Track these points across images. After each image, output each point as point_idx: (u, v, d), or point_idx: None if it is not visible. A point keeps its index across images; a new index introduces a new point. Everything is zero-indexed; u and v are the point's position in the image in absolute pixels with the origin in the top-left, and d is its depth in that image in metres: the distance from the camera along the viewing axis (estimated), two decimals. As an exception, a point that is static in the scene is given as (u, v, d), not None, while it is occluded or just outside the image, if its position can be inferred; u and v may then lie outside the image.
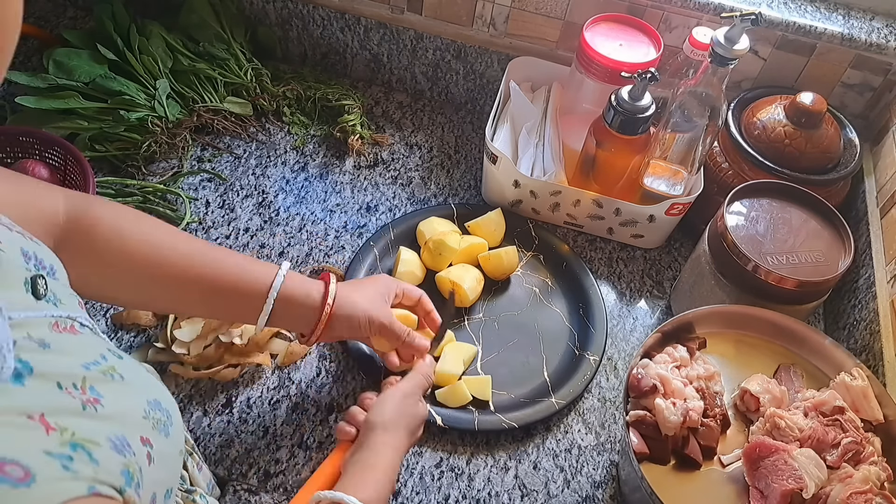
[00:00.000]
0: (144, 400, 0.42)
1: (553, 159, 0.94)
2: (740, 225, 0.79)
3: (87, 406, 0.36)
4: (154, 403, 0.43)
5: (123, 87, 0.94)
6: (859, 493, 0.60)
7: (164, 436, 0.43)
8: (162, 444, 0.42)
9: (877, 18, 0.93)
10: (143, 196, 0.93)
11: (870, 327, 0.81)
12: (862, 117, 0.98)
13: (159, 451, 0.41)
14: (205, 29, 1.03)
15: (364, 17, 1.05)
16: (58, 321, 0.40)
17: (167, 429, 0.43)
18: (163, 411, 0.44)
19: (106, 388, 0.39)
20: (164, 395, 0.45)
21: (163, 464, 0.41)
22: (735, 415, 0.70)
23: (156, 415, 0.42)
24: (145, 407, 0.42)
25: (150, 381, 0.46)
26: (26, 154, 0.88)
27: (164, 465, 0.42)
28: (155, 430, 0.42)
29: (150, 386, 0.45)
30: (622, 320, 0.90)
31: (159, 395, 0.45)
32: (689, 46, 0.86)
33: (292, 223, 0.94)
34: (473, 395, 0.78)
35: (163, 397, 0.45)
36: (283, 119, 1.05)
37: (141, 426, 0.40)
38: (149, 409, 0.42)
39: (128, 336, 0.80)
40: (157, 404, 0.43)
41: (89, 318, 0.45)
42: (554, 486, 0.75)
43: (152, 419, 0.42)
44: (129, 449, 0.37)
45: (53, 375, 0.36)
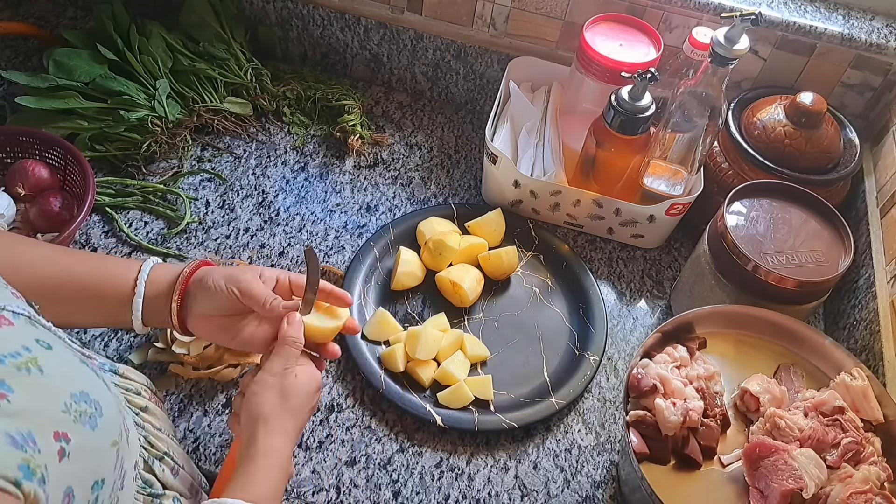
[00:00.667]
0: (67, 393, 0.42)
1: (553, 159, 0.94)
2: (740, 225, 0.79)
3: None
4: (80, 395, 0.43)
5: (123, 87, 0.94)
6: (859, 493, 0.60)
7: (88, 428, 0.42)
8: (85, 437, 0.42)
9: (877, 18, 0.93)
10: (143, 196, 0.93)
11: (870, 327, 0.81)
12: (862, 117, 0.98)
13: (79, 445, 0.41)
14: (205, 29, 1.03)
15: (364, 17, 1.05)
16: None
17: (94, 421, 0.43)
18: (90, 403, 0.43)
19: (18, 381, 0.38)
20: (94, 387, 0.45)
21: (84, 457, 0.41)
22: (735, 415, 0.70)
23: (80, 407, 0.42)
24: (66, 400, 0.42)
25: (80, 372, 0.45)
26: (26, 154, 0.88)
27: (85, 458, 0.42)
28: (77, 423, 0.41)
29: (78, 377, 0.44)
30: (622, 320, 0.90)
31: (88, 386, 0.44)
32: (689, 46, 0.86)
33: (292, 223, 0.94)
34: (475, 395, 0.78)
35: (92, 389, 0.44)
36: (283, 119, 1.05)
37: (56, 421, 0.40)
38: (71, 402, 0.42)
39: (128, 336, 0.80)
40: (83, 396, 0.43)
41: (29, 308, 0.45)
42: (554, 486, 0.75)
43: (74, 412, 0.41)
44: (32, 445, 0.37)
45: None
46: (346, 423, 0.77)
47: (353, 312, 0.83)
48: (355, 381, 0.80)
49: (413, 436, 0.77)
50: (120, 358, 0.79)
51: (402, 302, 0.87)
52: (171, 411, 0.75)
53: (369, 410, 0.78)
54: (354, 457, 0.75)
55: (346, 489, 0.73)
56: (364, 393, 0.80)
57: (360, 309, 0.85)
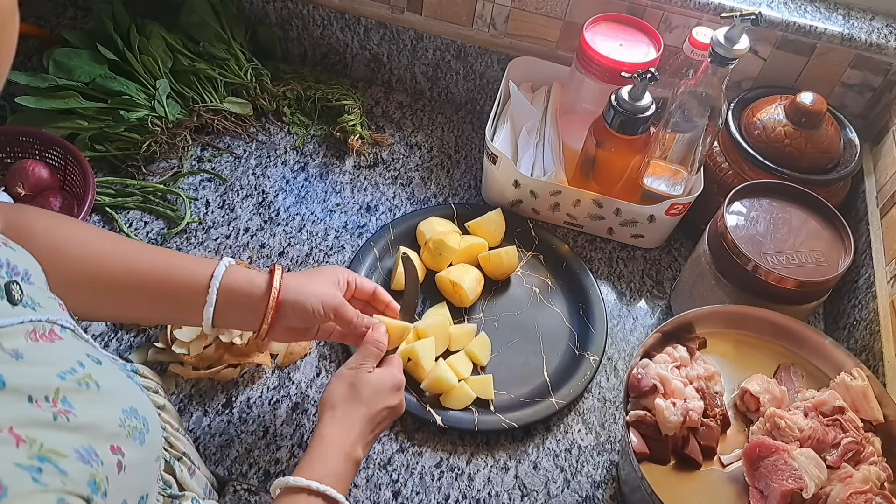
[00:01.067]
0: (120, 409, 0.42)
1: (553, 159, 0.94)
2: (740, 225, 0.79)
3: (57, 417, 0.37)
4: (130, 411, 0.43)
5: (123, 87, 0.94)
6: (859, 493, 0.60)
7: (138, 444, 0.43)
8: (135, 452, 0.42)
9: (877, 18, 0.93)
10: (143, 196, 0.93)
11: (870, 327, 0.81)
12: (862, 117, 0.98)
13: (131, 459, 0.41)
14: (205, 29, 1.03)
15: (364, 17, 1.05)
16: (35, 327, 0.40)
17: (143, 437, 0.43)
18: (139, 419, 0.44)
19: (79, 398, 0.39)
20: (141, 403, 0.45)
21: (135, 471, 0.42)
22: (735, 415, 0.70)
23: (131, 423, 0.43)
24: (120, 416, 0.42)
25: (129, 387, 0.46)
26: (26, 154, 0.88)
27: (136, 472, 0.42)
28: (129, 437, 0.42)
29: (128, 393, 0.45)
30: (622, 320, 0.90)
31: (137, 402, 0.44)
32: (689, 46, 0.86)
33: (292, 223, 0.94)
34: (476, 394, 0.78)
35: (140, 405, 0.45)
36: (283, 119, 1.05)
37: (113, 436, 0.41)
38: (124, 418, 0.42)
39: (128, 336, 0.80)
40: (133, 412, 0.43)
41: (71, 320, 0.45)
42: (554, 486, 0.75)
43: (127, 427, 0.42)
44: (96, 458, 0.38)
45: (25, 388, 0.36)
46: (346, 423, 0.77)
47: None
48: (355, 381, 0.80)
49: (413, 436, 0.77)
50: (120, 357, 0.79)
51: (402, 302, 0.87)
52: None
53: (369, 410, 0.78)
54: (354, 457, 0.75)
55: (346, 489, 0.73)
56: (364, 393, 0.80)
57: (360, 309, 0.85)
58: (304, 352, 0.81)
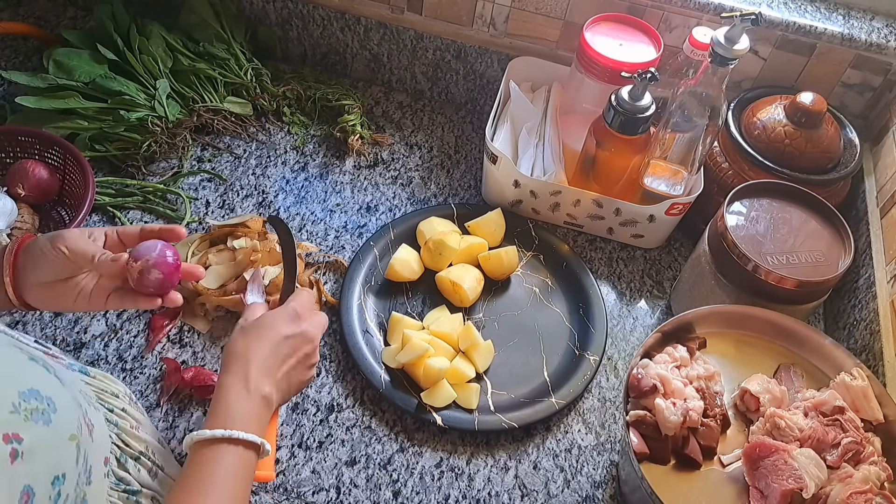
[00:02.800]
0: (15, 392, 0.42)
1: (553, 159, 0.94)
2: (740, 225, 0.79)
3: None
4: (29, 393, 0.42)
5: (123, 87, 0.94)
6: (859, 493, 0.60)
7: (42, 424, 0.42)
8: (39, 433, 0.42)
9: (877, 18, 0.93)
10: (143, 196, 0.93)
11: (870, 327, 0.81)
12: (862, 117, 0.98)
13: (33, 443, 0.41)
14: (205, 29, 1.03)
15: (364, 17, 1.05)
16: None
17: (48, 416, 0.43)
18: (42, 399, 0.43)
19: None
20: (45, 384, 0.44)
21: (39, 454, 0.41)
22: (735, 415, 0.70)
23: (30, 405, 0.42)
24: (14, 400, 0.41)
25: (28, 369, 0.45)
26: (26, 154, 0.88)
27: (40, 455, 0.41)
28: (28, 421, 0.41)
29: (26, 375, 0.44)
30: (622, 320, 0.90)
31: (37, 383, 0.44)
32: (689, 46, 0.86)
33: (292, 223, 0.94)
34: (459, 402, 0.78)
35: (43, 385, 0.44)
36: (283, 119, 1.05)
37: (5, 423, 0.40)
38: (19, 402, 0.41)
39: (128, 336, 0.80)
40: (33, 393, 0.42)
41: None
42: (554, 486, 0.75)
43: (24, 411, 0.41)
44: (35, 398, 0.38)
45: None
46: (346, 423, 0.77)
47: (352, 313, 0.83)
48: (355, 380, 0.80)
49: (413, 436, 0.77)
50: (120, 357, 0.79)
51: (403, 302, 0.87)
52: (170, 411, 0.75)
53: (369, 410, 0.78)
54: (354, 457, 0.75)
55: (346, 489, 0.73)
56: (364, 393, 0.80)
57: (360, 309, 0.85)
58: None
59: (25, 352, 0.47)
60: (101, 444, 0.53)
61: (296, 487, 0.72)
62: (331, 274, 0.90)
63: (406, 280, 0.88)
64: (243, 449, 0.53)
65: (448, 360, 0.79)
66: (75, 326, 0.80)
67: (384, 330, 0.84)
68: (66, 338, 0.79)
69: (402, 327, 0.82)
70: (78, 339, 0.80)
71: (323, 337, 0.83)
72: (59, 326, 0.80)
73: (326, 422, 0.77)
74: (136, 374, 0.78)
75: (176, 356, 0.80)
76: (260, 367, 0.57)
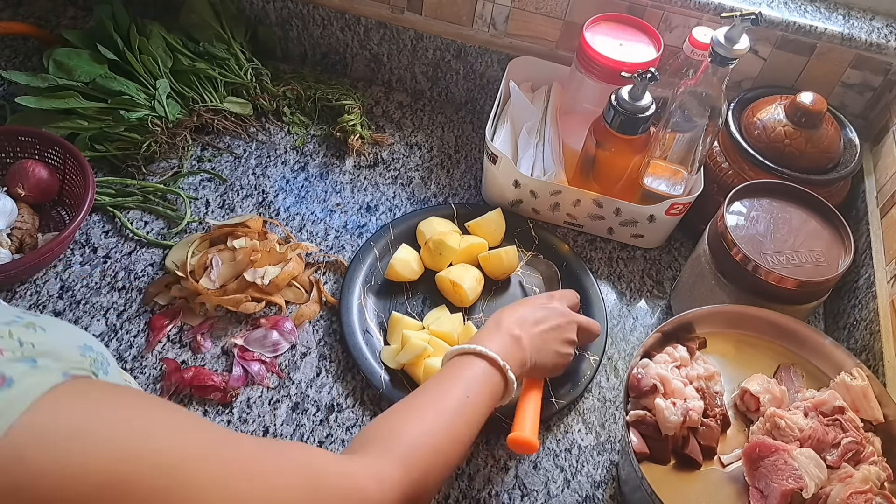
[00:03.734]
0: (75, 344, 0.43)
1: (553, 159, 0.94)
2: (740, 225, 0.79)
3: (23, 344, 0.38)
4: (86, 347, 0.44)
5: (123, 86, 0.94)
6: (859, 493, 0.60)
7: (102, 374, 0.44)
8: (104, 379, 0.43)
9: (877, 18, 0.93)
10: (144, 196, 0.93)
11: (870, 327, 0.81)
12: (862, 117, 0.98)
13: None
14: (205, 29, 1.03)
15: (364, 16, 1.05)
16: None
17: (105, 367, 0.45)
18: (96, 353, 0.45)
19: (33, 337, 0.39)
20: (93, 342, 0.46)
21: None
22: (735, 415, 0.70)
23: (91, 354, 0.44)
24: (79, 346, 0.43)
25: (76, 329, 0.47)
26: (26, 154, 0.88)
27: None
28: (93, 366, 0.43)
29: (78, 333, 0.46)
30: (622, 320, 0.90)
31: (89, 340, 0.46)
32: (689, 46, 0.86)
33: (292, 223, 0.94)
34: None
35: (93, 343, 0.46)
36: (283, 119, 1.05)
37: (80, 362, 0.41)
38: (84, 350, 0.43)
39: (128, 336, 0.80)
40: (89, 347, 0.44)
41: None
42: (554, 486, 0.75)
43: (89, 358, 0.43)
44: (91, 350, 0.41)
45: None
46: (346, 423, 0.77)
47: (352, 312, 0.84)
48: (355, 380, 0.80)
49: (413, 436, 0.77)
50: (120, 357, 0.79)
51: (403, 302, 0.87)
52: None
53: (370, 410, 0.78)
54: (354, 457, 0.75)
55: (346, 489, 0.72)
56: (364, 393, 0.80)
57: (360, 309, 0.84)
58: (313, 314, 0.84)
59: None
60: None
61: (296, 487, 0.72)
62: (331, 274, 0.90)
63: (406, 280, 0.88)
64: (488, 364, 0.60)
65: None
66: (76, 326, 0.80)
67: (384, 330, 0.84)
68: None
69: (401, 327, 0.82)
70: (78, 339, 0.80)
71: (324, 337, 0.83)
72: (59, 326, 0.80)
73: (326, 422, 0.77)
74: (136, 374, 0.78)
75: (176, 356, 0.80)
76: (512, 319, 0.66)
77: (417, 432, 0.54)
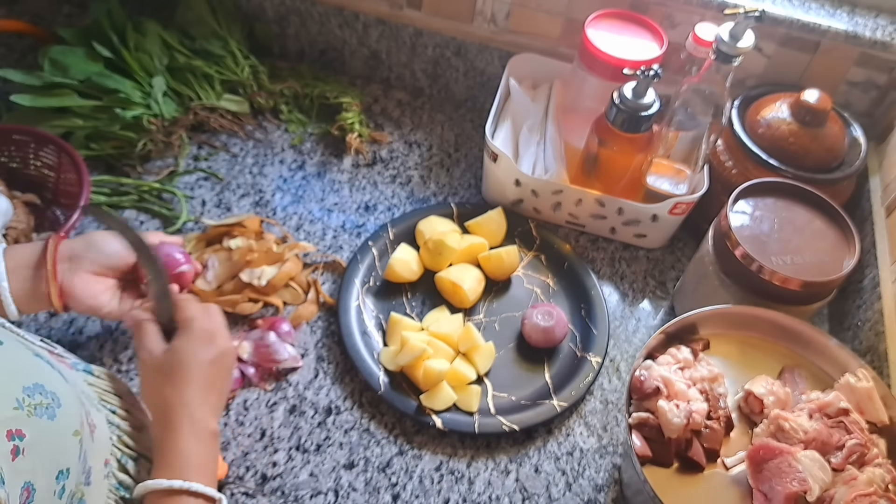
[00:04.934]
0: (19, 387, 0.41)
1: (555, 158, 0.93)
2: (744, 224, 0.78)
3: None
4: (34, 388, 0.42)
5: (119, 84, 0.93)
6: (864, 496, 0.60)
7: (46, 419, 0.42)
8: (42, 429, 0.41)
9: (882, 16, 0.92)
10: (139, 195, 0.92)
11: (875, 328, 0.80)
12: (867, 115, 0.97)
13: (36, 438, 0.40)
14: (201, 26, 1.02)
15: (363, 13, 1.04)
16: None
17: (52, 411, 0.43)
18: (46, 394, 0.43)
19: None
20: (49, 379, 0.44)
21: (40, 450, 0.41)
22: (739, 417, 0.70)
23: (34, 400, 0.42)
24: (18, 396, 0.41)
25: (33, 365, 0.45)
26: (21, 152, 0.87)
27: (42, 451, 0.41)
28: (32, 416, 0.41)
29: (31, 370, 0.44)
30: (625, 321, 0.89)
31: (42, 378, 0.44)
32: (692, 43, 0.85)
33: (289, 223, 0.93)
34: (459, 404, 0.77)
35: (48, 381, 0.44)
36: (281, 117, 1.04)
37: (8, 420, 0.40)
38: (23, 397, 0.41)
39: (123, 337, 0.79)
40: (38, 388, 0.42)
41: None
42: (555, 490, 0.74)
43: (27, 407, 0.41)
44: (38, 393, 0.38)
45: None
46: (344, 426, 0.76)
47: (351, 314, 0.83)
48: (353, 383, 0.80)
49: (412, 438, 0.76)
50: (115, 359, 0.78)
51: (402, 303, 0.86)
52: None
53: (368, 413, 0.78)
54: (353, 460, 0.74)
55: (345, 492, 0.72)
56: (362, 395, 0.79)
57: (359, 310, 0.84)
58: (311, 315, 0.83)
59: (29, 349, 0.47)
60: (102, 445, 0.52)
61: (293, 491, 0.71)
62: (329, 274, 0.89)
63: (405, 280, 0.87)
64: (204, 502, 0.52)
65: (448, 361, 0.78)
66: (70, 327, 0.80)
67: (383, 331, 0.83)
68: (62, 338, 0.78)
69: (401, 328, 0.81)
70: (73, 340, 0.79)
71: (322, 338, 0.83)
72: (54, 327, 0.79)
73: (324, 424, 0.76)
74: (131, 377, 0.77)
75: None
76: (200, 407, 0.55)
77: None
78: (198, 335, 0.58)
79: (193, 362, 0.56)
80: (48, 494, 0.42)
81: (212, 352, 0.57)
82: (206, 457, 0.55)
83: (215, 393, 0.57)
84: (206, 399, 0.56)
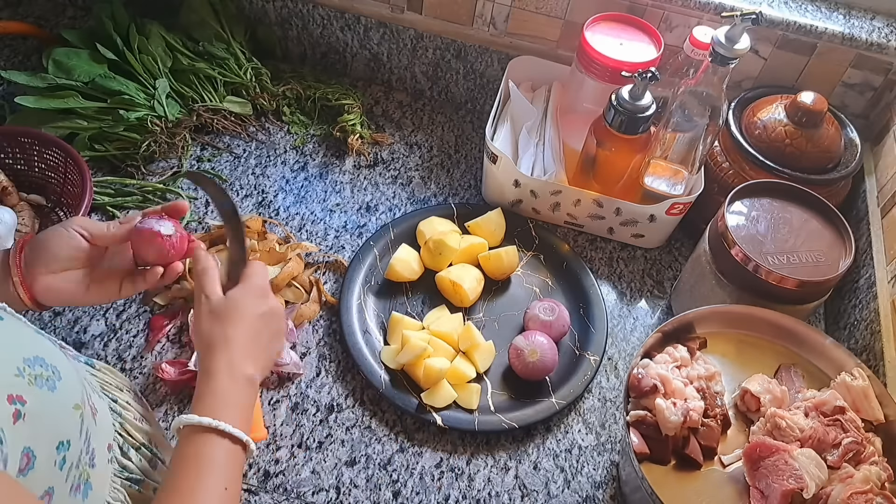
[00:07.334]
0: (20, 357, 0.42)
1: (553, 159, 0.94)
2: (741, 225, 0.79)
3: None
4: (34, 360, 0.43)
5: (123, 86, 0.94)
6: (860, 493, 0.60)
7: (47, 390, 0.43)
8: (43, 399, 0.42)
9: (877, 18, 0.93)
10: (143, 196, 0.93)
11: (870, 327, 0.81)
12: (862, 117, 0.98)
13: (36, 408, 0.41)
14: (204, 28, 1.03)
15: (364, 16, 1.04)
16: None
17: (52, 383, 0.44)
18: (46, 367, 0.44)
19: None
20: (51, 354, 0.45)
21: (41, 419, 0.42)
22: (736, 415, 0.70)
23: (35, 371, 0.43)
24: (19, 365, 0.42)
25: (34, 340, 0.46)
26: (26, 154, 0.88)
27: (43, 420, 0.42)
28: (33, 385, 0.42)
29: (32, 344, 0.45)
30: (623, 320, 0.89)
31: (43, 352, 0.45)
32: (689, 46, 0.86)
33: (292, 223, 0.94)
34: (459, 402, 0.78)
35: (48, 355, 0.45)
36: (283, 118, 1.05)
37: (9, 385, 0.40)
38: (24, 367, 0.42)
39: (127, 336, 0.80)
40: (38, 360, 0.43)
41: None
42: (554, 487, 0.75)
43: (28, 376, 0.42)
44: (38, 365, 0.39)
45: None
46: (345, 423, 0.77)
47: (352, 313, 0.83)
48: (355, 380, 0.80)
49: (413, 436, 0.77)
50: (119, 357, 0.79)
51: (403, 302, 0.87)
52: (171, 410, 0.75)
53: (369, 410, 0.78)
54: (354, 457, 0.75)
55: (346, 489, 0.72)
56: (364, 393, 0.79)
57: (360, 309, 0.84)
58: (312, 315, 0.84)
59: (30, 327, 0.48)
60: (105, 430, 0.53)
61: (296, 487, 0.72)
62: (330, 274, 0.90)
63: (406, 280, 0.88)
64: (230, 443, 0.53)
65: (448, 360, 0.79)
66: (75, 326, 0.80)
67: (384, 330, 0.84)
68: (66, 337, 0.79)
69: (401, 327, 0.82)
70: (77, 339, 0.79)
71: (323, 337, 0.83)
72: (58, 326, 0.80)
73: (326, 422, 0.77)
74: (135, 375, 0.78)
75: (175, 356, 0.79)
76: (241, 351, 0.57)
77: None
78: (253, 290, 0.60)
79: (245, 311, 0.58)
80: (48, 464, 0.42)
81: (262, 307, 0.59)
82: (240, 399, 0.55)
83: (260, 347, 0.59)
84: (248, 348, 0.57)
